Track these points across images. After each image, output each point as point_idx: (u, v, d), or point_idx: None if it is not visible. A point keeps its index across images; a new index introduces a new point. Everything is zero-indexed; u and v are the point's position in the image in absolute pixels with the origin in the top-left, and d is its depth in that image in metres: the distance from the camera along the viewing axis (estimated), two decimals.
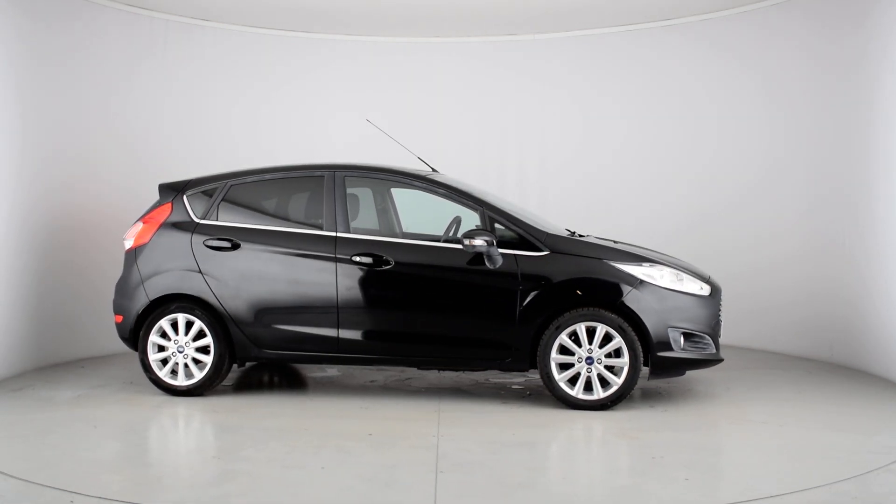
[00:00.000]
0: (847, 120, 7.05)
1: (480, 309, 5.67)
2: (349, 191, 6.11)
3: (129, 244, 6.20)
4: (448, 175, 6.76)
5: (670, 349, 5.51)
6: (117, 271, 6.30)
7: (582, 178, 8.81)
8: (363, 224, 6.24)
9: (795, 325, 7.56)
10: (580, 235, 6.22)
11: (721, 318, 5.90)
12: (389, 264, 5.74)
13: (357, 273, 5.77)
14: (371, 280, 5.77)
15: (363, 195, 6.42)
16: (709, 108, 8.29)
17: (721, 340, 5.89)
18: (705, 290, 5.73)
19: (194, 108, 8.34)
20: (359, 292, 5.77)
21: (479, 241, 5.57)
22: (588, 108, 8.86)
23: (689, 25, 8.31)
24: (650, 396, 5.98)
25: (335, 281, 5.78)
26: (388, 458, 4.56)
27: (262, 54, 8.71)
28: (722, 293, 5.99)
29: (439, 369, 6.03)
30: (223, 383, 6.21)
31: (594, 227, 7.13)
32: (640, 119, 8.67)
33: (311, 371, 6.99)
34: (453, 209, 6.09)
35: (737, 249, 7.99)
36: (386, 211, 6.55)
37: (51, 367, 7.01)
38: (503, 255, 5.63)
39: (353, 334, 5.78)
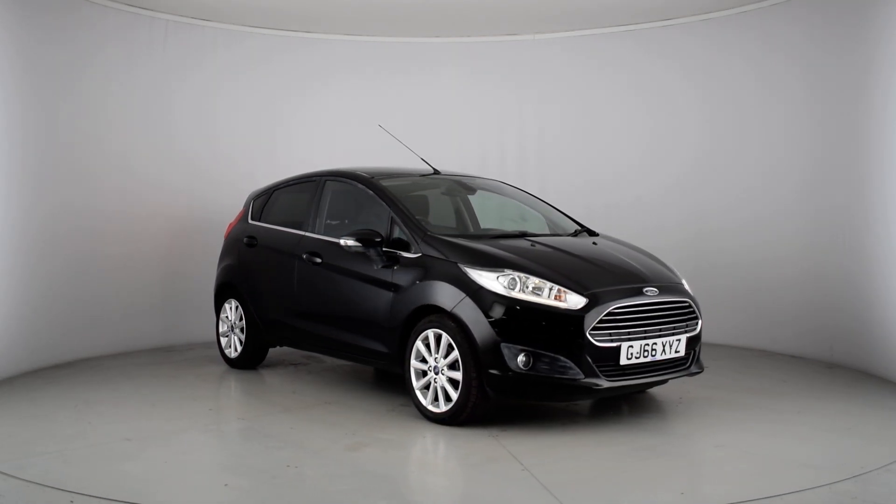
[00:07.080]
0: (847, 120, 7.04)
1: (364, 309, 5.68)
2: (421, 193, 6.48)
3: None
4: (451, 174, 6.81)
5: (504, 367, 4.88)
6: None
7: (581, 176, 8.80)
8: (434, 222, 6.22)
9: (795, 324, 7.55)
10: (591, 232, 6.27)
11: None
12: (321, 262, 6.05)
13: (306, 269, 6.20)
14: (312, 277, 6.15)
15: (435, 197, 6.60)
16: (709, 108, 8.27)
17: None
18: (577, 304, 4.90)
19: (194, 108, 8.33)
20: (306, 287, 6.22)
21: (351, 241, 5.66)
22: (588, 107, 8.86)
23: (689, 25, 8.31)
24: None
25: (294, 275, 6.29)
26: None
27: (264, 54, 8.70)
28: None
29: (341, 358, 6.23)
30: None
31: (593, 225, 7.13)
32: (640, 118, 8.66)
33: None
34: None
35: (734, 248, 7.98)
36: (460, 212, 6.65)
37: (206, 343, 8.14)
38: (391, 256, 5.55)
39: (303, 324, 6.28)
